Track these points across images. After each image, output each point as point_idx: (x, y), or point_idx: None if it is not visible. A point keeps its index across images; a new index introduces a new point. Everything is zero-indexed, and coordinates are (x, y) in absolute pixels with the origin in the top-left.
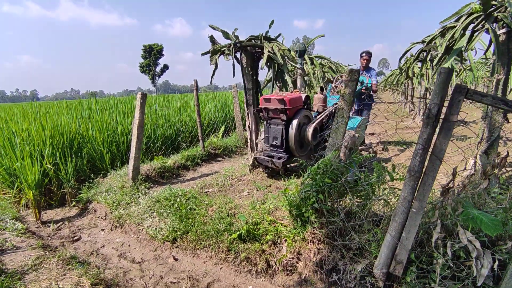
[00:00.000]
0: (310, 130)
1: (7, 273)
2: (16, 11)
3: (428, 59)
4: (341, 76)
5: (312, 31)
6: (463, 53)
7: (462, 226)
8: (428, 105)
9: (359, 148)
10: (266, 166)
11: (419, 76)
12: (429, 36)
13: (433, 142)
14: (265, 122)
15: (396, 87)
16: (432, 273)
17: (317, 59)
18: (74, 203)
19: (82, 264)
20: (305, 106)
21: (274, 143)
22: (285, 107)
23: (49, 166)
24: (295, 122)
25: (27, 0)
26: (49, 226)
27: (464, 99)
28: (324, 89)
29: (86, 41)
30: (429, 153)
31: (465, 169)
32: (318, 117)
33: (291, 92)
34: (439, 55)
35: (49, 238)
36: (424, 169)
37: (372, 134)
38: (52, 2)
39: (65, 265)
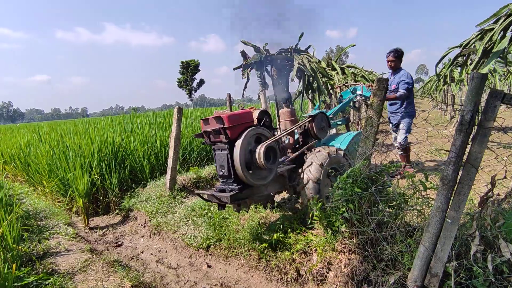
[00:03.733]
0: (261, 151)
1: (60, 273)
2: (68, 37)
3: (468, 63)
4: (340, 89)
5: (345, 40)
6: (507, 55)
7: (504, 239)
8: (461, 112)
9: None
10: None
11: (459, 82)
12: (465, 40)
13: (468, 150)
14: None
15: (435, 93)
16: None
17: (349, 68)
18: (117, 211)
19: (124, 268)
20: (261, 123)
21: (221, 173)
22: (224, 127)
23: (96, 176)
24: (239, 142)
25: (79, 27)
26: (96, 232)
27: (501, 104)
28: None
29: (128, 60)
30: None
31: (505, 177)
32: (279, 134)
33: (243, 109)
34: (477, 59)
35: (96, 243)
36: (458, 178)
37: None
38: (99, 28)
39: (109, 267)
